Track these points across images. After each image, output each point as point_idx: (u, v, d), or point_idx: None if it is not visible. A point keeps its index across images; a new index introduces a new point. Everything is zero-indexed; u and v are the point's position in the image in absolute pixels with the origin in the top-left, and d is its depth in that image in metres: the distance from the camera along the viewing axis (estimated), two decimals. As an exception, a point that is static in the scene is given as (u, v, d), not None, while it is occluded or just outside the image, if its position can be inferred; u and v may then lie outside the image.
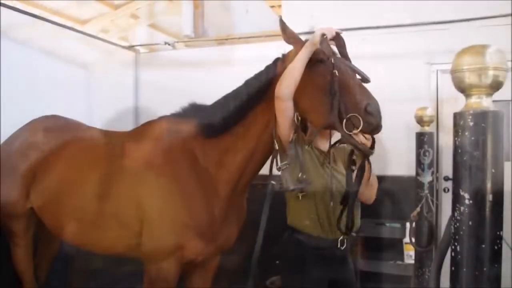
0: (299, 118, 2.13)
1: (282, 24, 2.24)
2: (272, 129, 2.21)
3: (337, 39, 2.16)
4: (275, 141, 2.19)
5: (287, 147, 2.15)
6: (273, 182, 2.19)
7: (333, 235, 2.17)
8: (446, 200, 3.97)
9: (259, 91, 2.28)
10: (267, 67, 2.34)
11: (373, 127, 1.94)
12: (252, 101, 2.30)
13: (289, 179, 2.10)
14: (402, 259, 3.63)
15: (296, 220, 2.23)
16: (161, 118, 2.67)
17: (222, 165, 2.39)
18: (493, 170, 1.16)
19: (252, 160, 2.37)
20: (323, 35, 2.08)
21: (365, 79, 2.09)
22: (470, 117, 1.17)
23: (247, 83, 2.38)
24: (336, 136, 2.09)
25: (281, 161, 2.16)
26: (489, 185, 1.16)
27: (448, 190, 4.01)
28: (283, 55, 2.31)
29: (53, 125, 2.98)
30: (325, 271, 2.19)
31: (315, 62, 2.09)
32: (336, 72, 1.99)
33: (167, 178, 2.41)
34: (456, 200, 1.21)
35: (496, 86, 1.17)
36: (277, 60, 2.32)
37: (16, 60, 3.45)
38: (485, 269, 1.17)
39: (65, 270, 3.70)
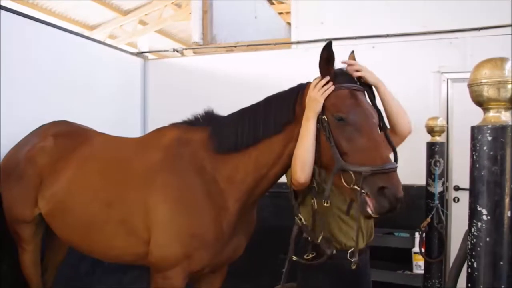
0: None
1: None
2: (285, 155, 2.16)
3: None
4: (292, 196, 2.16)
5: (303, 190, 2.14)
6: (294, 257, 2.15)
7: (350, 245, 2.18)
8: (456, 210, 3.94)
9: (278, 121, 2.15)
10: (291, 92, 2.18)
11: (385, 211, 1.78)
12: (269, 130, 2.18)
13: (325, 246, 2.06)
14: (411, 269, 3.59)
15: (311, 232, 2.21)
16: (172, 125, 2.62)
17: (232, 181, 2.31)
18: (512, 186, 1.14)
19: (261, 184, 2.31)
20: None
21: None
22: (489, 131, 1.15)
23: (267, 107, 2.23)
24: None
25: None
26: (507, 201, 1.15)
27: (458, 200, 3.97)
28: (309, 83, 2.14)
29: (63, 130, 2.98)
30: (342, 282, 2.18)
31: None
32: (325, 123, 1.93)
33: (175, 187, 2.37)
34: (473, 215, 1.19)
35: (515, 100, 1.15)
36: (301, 87, 2.17)
37: (21, 64, 3.44)
38: (503, 287, 1.15)
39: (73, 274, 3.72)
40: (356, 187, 1.80)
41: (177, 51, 4.98)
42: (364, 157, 1.83)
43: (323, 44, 1.97)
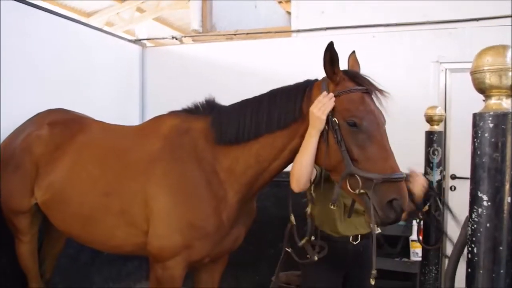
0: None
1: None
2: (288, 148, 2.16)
3: None
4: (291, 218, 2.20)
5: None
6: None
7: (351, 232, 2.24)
8: (453, 199, 3.97)
9: (282, 117, 2.13)
10: (297, 88, 2.16)
11: (389, 222, 1.85)
12: (273, 125, 2.16)
13: (311, 252, 2.10)
14: (408, 257, 3.63)
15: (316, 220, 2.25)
16: (172, 113, 2.58)
17: (233, 173, 2.30)
18: (512, 172, 1.16)
19: (262, 177, 2.30)
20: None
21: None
22: (490, 118, 1.16)
23: (272, 101, 2.19)
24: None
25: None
26: (508, 187, 1.16)
27: (455, 188, 4.00)
28: (317, 81, 2.13)
29: (59, 118, 2.92)
30: (345, 265, 2.24)
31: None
32: (336, 126, 1.92)
33: (175, 176, 2.35)
34: (474, 201, 1.21)
35: (517, 87, 1.16)
36: (308, 83, 2.16)
37: (17, 52, 3.40)
38: (502, 271, 1.17)
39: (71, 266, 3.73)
40: (364, 191, 1.84)
41: (176, 39, 4.95)
42: (375, 166, 1.86)
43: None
